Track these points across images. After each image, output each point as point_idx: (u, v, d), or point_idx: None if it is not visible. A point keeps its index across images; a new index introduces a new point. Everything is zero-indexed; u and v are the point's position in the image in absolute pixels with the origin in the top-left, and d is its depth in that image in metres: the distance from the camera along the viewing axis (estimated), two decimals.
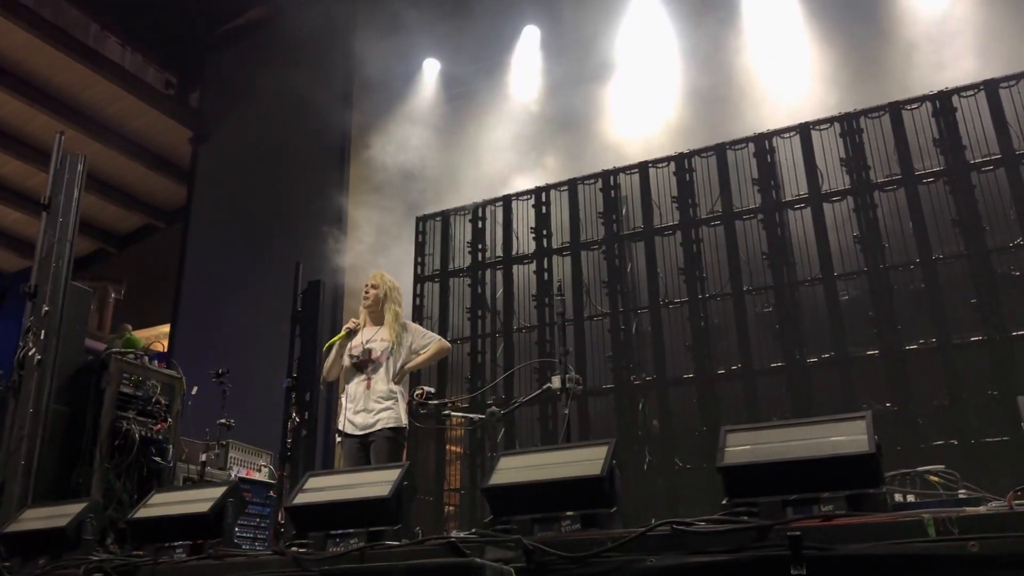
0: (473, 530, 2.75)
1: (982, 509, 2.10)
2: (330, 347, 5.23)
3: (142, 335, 9.41)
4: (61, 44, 12.46)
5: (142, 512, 3.34)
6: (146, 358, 5.91)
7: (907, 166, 6.62)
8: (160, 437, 5.70)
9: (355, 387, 4.96)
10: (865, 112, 6.91)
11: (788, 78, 8.86)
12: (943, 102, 6.62)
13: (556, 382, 4.65)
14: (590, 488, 2.56)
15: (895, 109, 6.80)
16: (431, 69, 11.67)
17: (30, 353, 5.08)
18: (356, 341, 5.09)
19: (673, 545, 2.25)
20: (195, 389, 6.61)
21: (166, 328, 13.46)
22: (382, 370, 4.94)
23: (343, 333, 5.15)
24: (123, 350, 5.79)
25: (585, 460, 2.64)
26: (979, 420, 5.82)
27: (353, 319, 5.23)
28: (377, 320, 5.13)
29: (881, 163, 6.74)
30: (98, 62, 13.10)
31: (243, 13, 13.84)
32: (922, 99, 6.73)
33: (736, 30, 9.53)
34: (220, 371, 7.05)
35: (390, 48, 10.90)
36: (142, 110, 14.05)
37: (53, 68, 12.84)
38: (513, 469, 2.78)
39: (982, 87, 6.53)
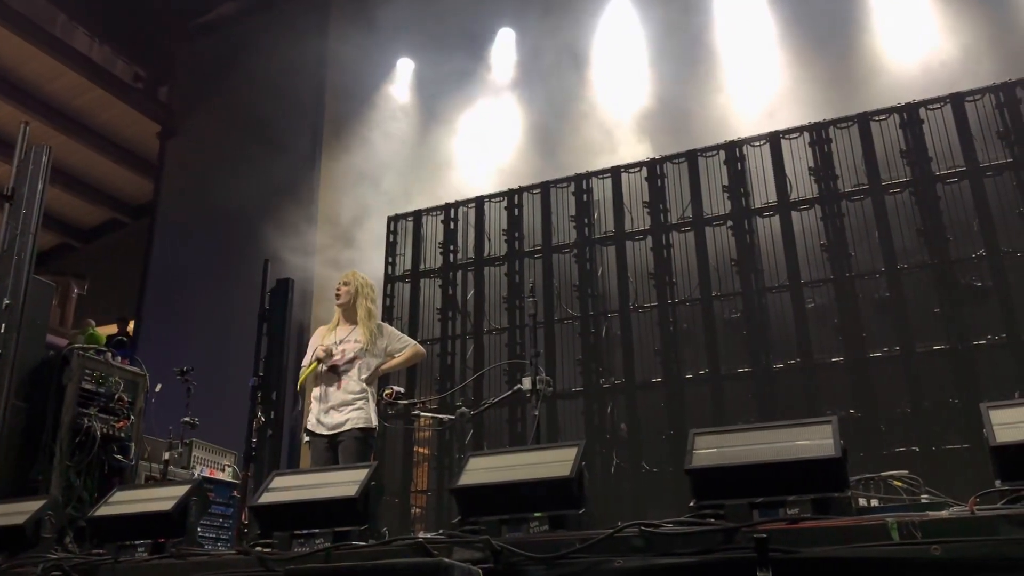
0: (441, 531, 2.73)
1: (944, 514, 2.13)
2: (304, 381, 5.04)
3: (105, 331, 9.26)
4: (28, 34, 12.24)
5: (103, 510, 3.28)
6: (109, 354, 5.81)
7: (874, 176, 6.72)
8: (122, 435, 5.61)
9: (325, 386, 4.91)
10: (834, 122, 7.01)
11: (759, 87, 8.96)
12: (910, 114, 6.74)
13: (527, 383, 4.65)
14: (559, 489, 2.56)
15: (863, 120, 6.90)
16: (405, 68, 11.63)
17: None
18: (329, 340, 5.03)
19: (641, 547, 2.26)
20: (159, 387, 6.50)
21: (128, 326, 13.23)
22: (354, 370, 4.89)
23: (313, 365, 4.96)
24: (86, 346, 5.69)
25: (554, 461, 2.64)
26: (941, 427, 5.92)
27: (321, 347, 4.99)
28: (350, 319, 5.08)
29: (849, 173, 6.84)
30: (66, 53, 12.88)
31: (214, 8, 13.69)
32: (890, 111, 6.84)
33: (709, 38, 9.62)
34: (185, 369, 6.94)
35: (364, 46, 10.84)
36: (110, 103, 13.84)
37: (19, 58, 12.60)
38: (482, 470, 2.77)
39: (948, 100, 6.65)
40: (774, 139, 7.18)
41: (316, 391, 4.96)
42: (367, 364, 4.92)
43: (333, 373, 4.91)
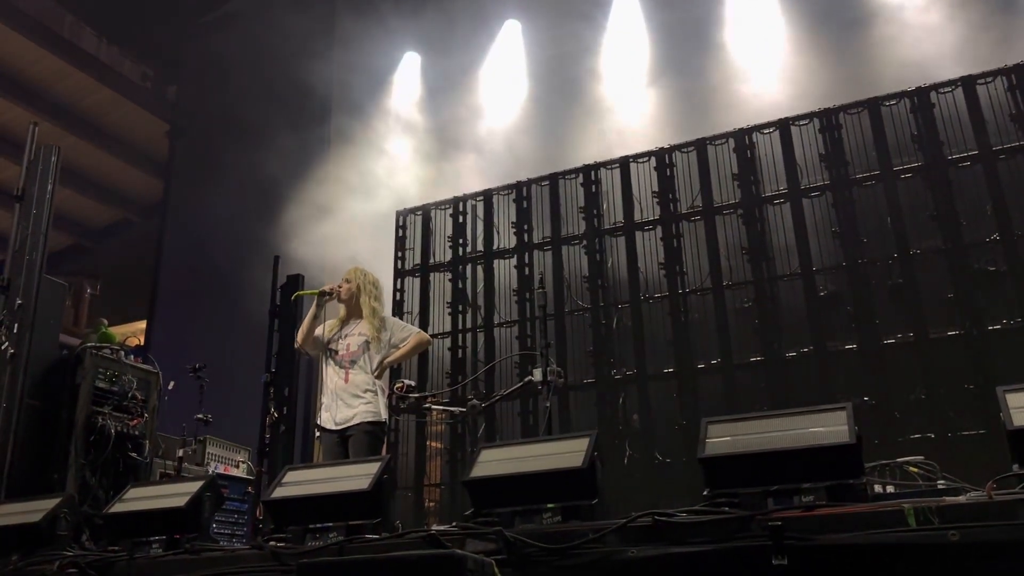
0: (454, 523, 2.73)
1: (962, 499, 2.11)
2: (299, 298, 5.18)
3: (118, 331, 9.29)
4: (36, 35, 12.27)
5: (118, 507, 3.30)
6: (122, 353, 5.83)
7: (885, 161, 6.66)
8: (136, 433, 5.63)
9: (334, 381, 4.92)
10: (844, 108, 6.94)
11: (768, 73, 8.90)
12: (921, 98, 6.67)
13: (537, 375, 4.63)
14: (572, 480, 2.55)
15: (874, 105, 6.84)
16: (412, 62, 11.61)
17: (3, 347, 5.00)
18: (334, 334, 5.05)
19: (655, 536, 2.25)
20: (172, 384, 6.52)
21: (142, 324, 13.31)
22: (360, 364, 4.90)
23: (316, 291, 5.09)
24: (99, 344, 5.71)
25: (567, 452, 2.63)
26: (956, 413, 5.87)
27: (331, 284, 5.18)
28: (355, 314, 5.09)
29: (860, 158, 6.78)
30: (73, 54, 12.91)
31: (221, 5, 13.69)
32: (900, 95, 6.77)
33: (717, 25, 9.56)
34: (197, 366, 6.96)
35: (371, 41, 10.83)
36: (118, 103, 13.87)
37: (27, 59, 12.64)
38: (495, 461, 2.76)
39: (960, 83, 6.58)
40: (784, 126, 7.12)
41: (325, 386, 4.98)
42: (373, 357, 4.93)
43: (340, 367, 4.92)
